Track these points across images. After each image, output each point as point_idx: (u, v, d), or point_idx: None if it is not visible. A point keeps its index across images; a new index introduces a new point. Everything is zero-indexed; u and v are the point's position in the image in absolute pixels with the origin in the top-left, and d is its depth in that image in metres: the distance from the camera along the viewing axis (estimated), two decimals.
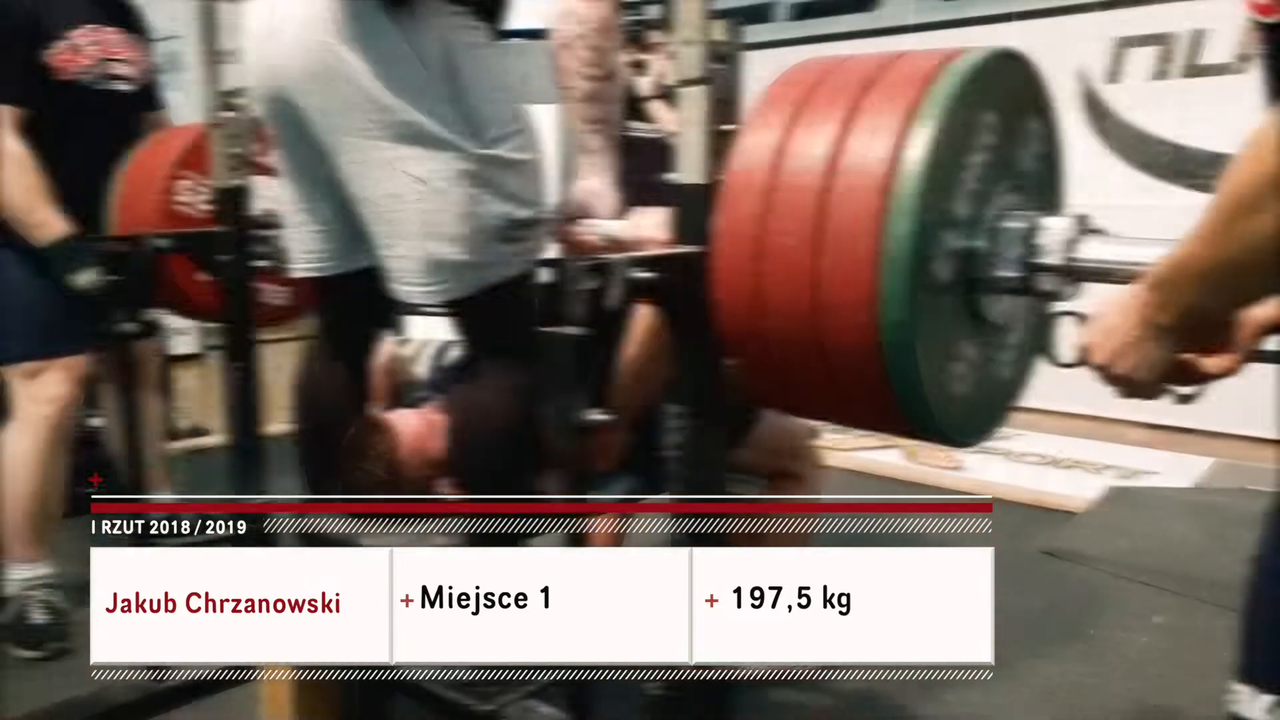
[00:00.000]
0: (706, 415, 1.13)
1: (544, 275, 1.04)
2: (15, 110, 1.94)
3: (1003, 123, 1.04)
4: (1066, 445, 3.84)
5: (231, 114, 1.86)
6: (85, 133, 1.99)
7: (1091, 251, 1.00)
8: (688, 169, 1.10)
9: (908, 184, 0.90)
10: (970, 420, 1.08)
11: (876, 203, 0.91)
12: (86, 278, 1.90)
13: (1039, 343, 1.16)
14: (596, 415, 1.00)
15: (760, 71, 1.15)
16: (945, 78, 0.95)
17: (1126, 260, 0.97)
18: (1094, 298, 0.97)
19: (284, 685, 1.71)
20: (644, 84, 3.53)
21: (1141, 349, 0.86)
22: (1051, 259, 1.01)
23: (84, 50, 2.00)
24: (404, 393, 1.79)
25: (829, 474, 2.62)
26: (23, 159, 1.94)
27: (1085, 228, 1.02)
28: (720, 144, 1.09)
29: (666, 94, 3.68)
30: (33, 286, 2.03)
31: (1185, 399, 0.93)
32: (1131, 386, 0.89)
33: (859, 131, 0.95)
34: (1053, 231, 1.02)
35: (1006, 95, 1.05)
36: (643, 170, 3.67)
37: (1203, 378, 0.92)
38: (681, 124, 1.09)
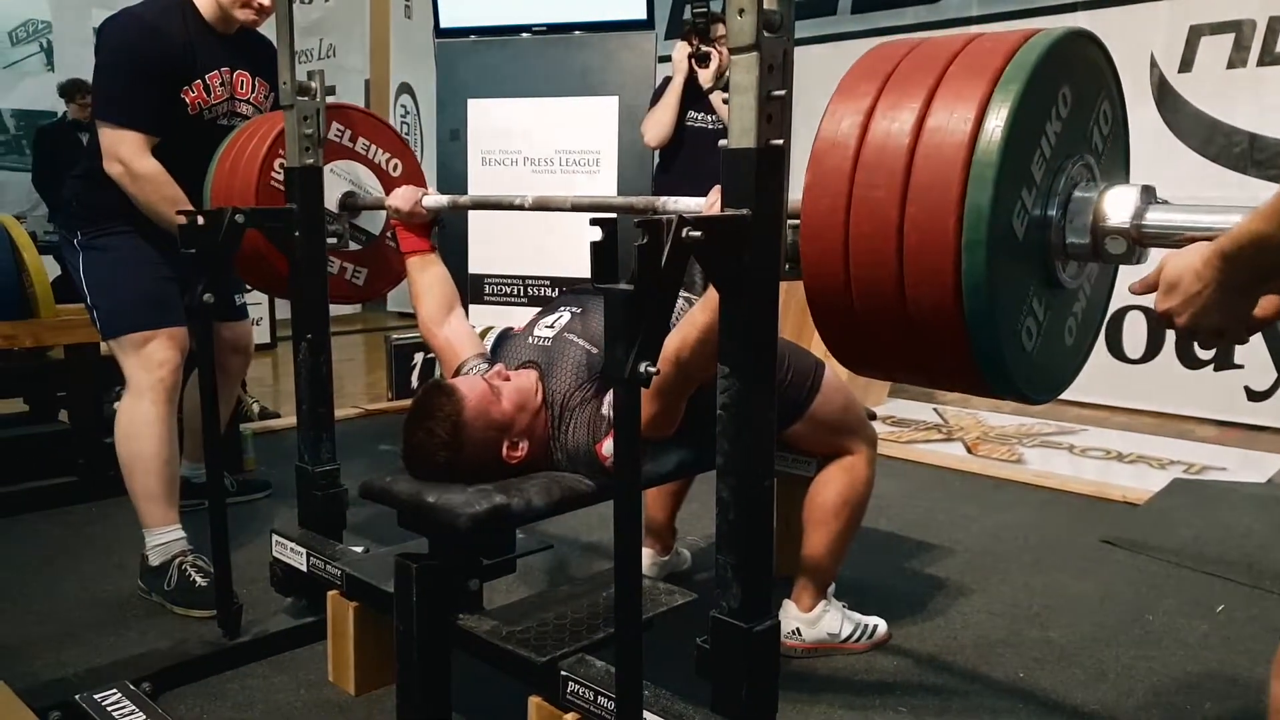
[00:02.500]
0: (751, 376, 1.14)
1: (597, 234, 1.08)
2: (150, 137, 2.16)
3: (1076, 96, 1.07)
4: (1131, 441, 3.77)
5: (304, 98, 1.96)
6: (204, 151, 2.20)
7: (1157, 218, 1.03)
8: (738, 133, 1.09)
9: (993, 139, 0.96)
10: (1040, 377, 1.11)
11: (963, 156, 0.96)
12: None
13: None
14: (649, 368, 1.02)
15: (825, 66, 1.19)
16: (1028, 49, 1.00)
17: (1191, 226, 1.00)
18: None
19: (348, 642, 1.77)
20: (706, 76, 3.56)
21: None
22: (1118, 226, 1.04)
23: (214, 91, 2.24)
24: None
25: (888, 465, 2.62)
26: (161, 175, 2.16)
27: (1151, 198, 1.05)
28: (771, 109, 1.11)
29: (728, 87, 3.69)
30: (147, 267, 2.25)
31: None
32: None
33: (946, 94, 1.00)
34: (1120, 201, 1.05)
35: (1080, 71, 1.09)
36: (705, 160, 3.70)
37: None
38: (733, 89, 1.10)
